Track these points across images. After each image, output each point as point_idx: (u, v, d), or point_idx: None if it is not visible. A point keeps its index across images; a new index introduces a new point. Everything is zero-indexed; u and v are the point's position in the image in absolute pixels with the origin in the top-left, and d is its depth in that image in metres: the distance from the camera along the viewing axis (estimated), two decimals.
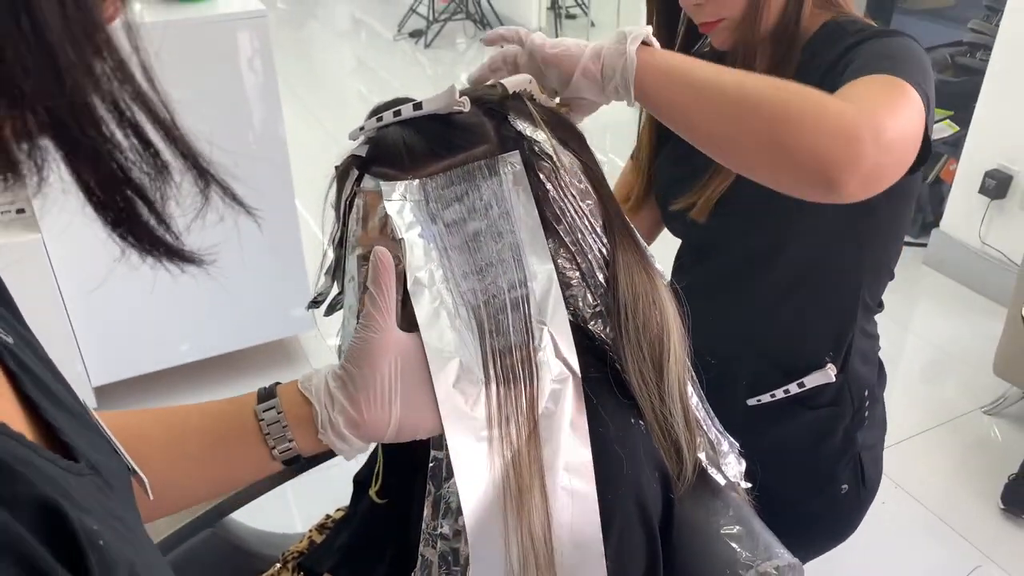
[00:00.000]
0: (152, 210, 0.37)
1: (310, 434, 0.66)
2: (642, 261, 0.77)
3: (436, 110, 0.71)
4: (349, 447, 0.66)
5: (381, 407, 0.65)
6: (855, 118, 0.70)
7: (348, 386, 0.65)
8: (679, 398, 0.78)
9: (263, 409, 0.66)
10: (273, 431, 0.66)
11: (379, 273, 0.64)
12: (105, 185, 0.36)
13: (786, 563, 0.73)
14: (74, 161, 0.35)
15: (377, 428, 0.65)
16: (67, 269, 2.03)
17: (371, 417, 0.65)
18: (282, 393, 0.67)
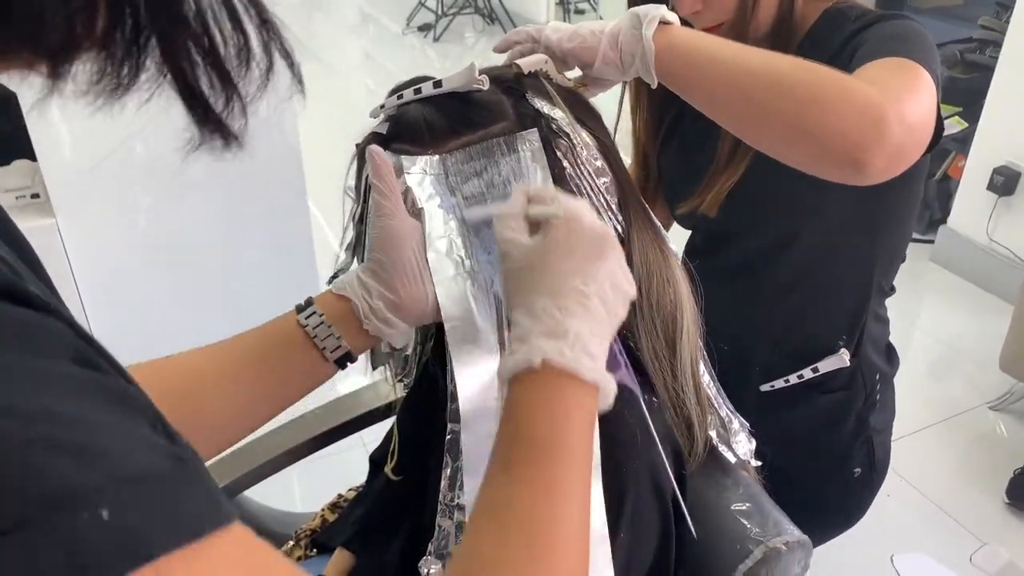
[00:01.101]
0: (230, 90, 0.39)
1: (355, 329, 0.69)
2: (656, 239, 0.78)
3: (456, 88, 0.72)
4: (395, 330, 0.69)
5: (415, 283, 0.68)
6: (881, 100, 0.71)
7: (380, 272, 0.68)
8: (691, 375, 0.79)
9: (305, 316, 0.69)
10: (320, 333, 0.68)
11: (378, 167, 0.67)
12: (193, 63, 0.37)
13: (795, 539, 0.74)
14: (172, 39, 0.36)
15: (416, 304, 0.68)
16: (81, 254, 2.05)
17: (408, 295, 0.68)
18: (319, 300, 0.70)
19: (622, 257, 0.60)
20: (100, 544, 0.26)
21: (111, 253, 2.10)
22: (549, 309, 0.55)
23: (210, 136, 0.40)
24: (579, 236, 0.59)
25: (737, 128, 0.79)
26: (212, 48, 0.37)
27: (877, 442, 1.15)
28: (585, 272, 0.57)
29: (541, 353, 0.53)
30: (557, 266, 0.57)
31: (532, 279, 0.57)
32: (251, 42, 0.38)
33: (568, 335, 0.54)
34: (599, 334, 0.56)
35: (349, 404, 1.20)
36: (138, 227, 2.11)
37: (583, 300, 0.56)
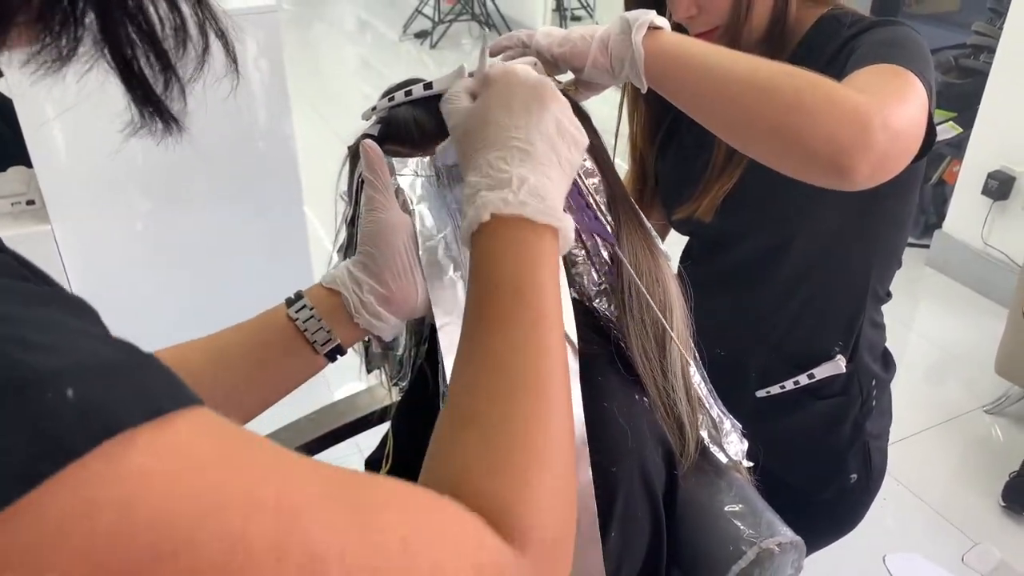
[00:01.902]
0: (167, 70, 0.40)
1: (345, 322, 0.69)
2: (646, 240, 0.79)
3: (445, 89, 0.73)
4: (385, 324, 0.69)
5: (405, 277, 0.68)
6: (867, 106, 0.71)
7: (370, 266, 0.68)
8: (681, 374, 0.79)
9: (295, 310, 0.69)
10: (310, 326, 0.68)
11: (371, 161, 0.67)
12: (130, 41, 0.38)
13: (788, 540, 0.74)
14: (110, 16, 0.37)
15: (407, 299, 0.69)
16: (76, 260, 2.05)
17: (398, 288, 0.68)
18: (309, 293, 0.70)
19: (567, 107, 0.60)
20: (67, 419, 0.28)
21: (106, 259, 2.10)
22: (492, 161, 0.55)
23: (150, 119, 0.41)
24: (515, 87, 0.59)
25: (725, 133, 0.80)
26: (149, 27, 0.38)
27: (874, 448, 1.15)
28: (528, 122, 0.57)
29: (488, 207, 0.53)
30: (497, 119, 0.57)
31: (476, 138, 0.58)
32: (187, 22, 0.39)
33: (512, 182, 0.54)
34: (549, 176, 0.56)
35: (344, 409, 1.20)
36: (134, 233, 2.11)
37: (525, 146, 0.56)
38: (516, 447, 0.46)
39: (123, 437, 0.29)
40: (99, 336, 0.32)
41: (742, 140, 0.79)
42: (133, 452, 0.29)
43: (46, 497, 0.27)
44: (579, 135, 0.60)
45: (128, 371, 0.31)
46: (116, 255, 2.11)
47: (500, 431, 0.47)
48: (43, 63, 0.37)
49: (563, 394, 0.50)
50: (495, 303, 0.52)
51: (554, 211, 0.55)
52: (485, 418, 0.47)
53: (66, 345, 0.30)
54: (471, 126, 0.59)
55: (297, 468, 0.36)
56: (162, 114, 0.41)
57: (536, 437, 0.47)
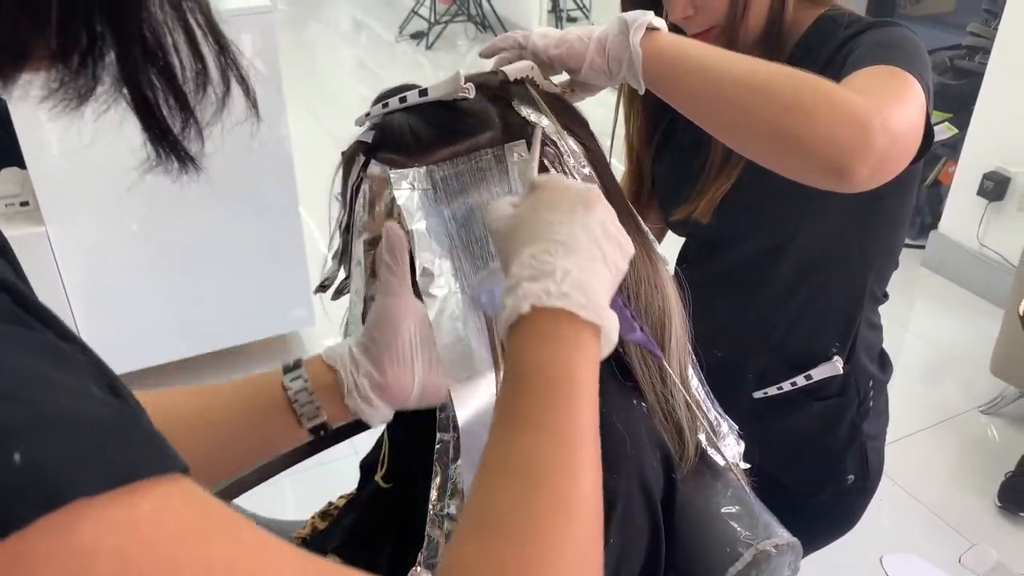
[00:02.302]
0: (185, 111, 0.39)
1: (337, 401, 0.68)
2: (645, 246, 0.78)
3: (441, 96, 0.72)
4: (374, 410, 0.68)
5: (404, 368, 0.67)
6: (866, 108, 0.71)
7: (371, 349, 0.67)
8: (680, 380, 0.79)
9: (290, 379, 0.68)
10: (300, 399, 0.67)
11: (392, 244, 0.67)
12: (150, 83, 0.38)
13: (785, 541, 0.74)
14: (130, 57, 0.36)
15: (401, 389, 0.68)
16: (70, 262, 2.04)
17: (395, 378, 0.67)
18: (308, 364, 0.69)
19: (613, 214, 0.58)
20: (10, 488, 0.26)
21: (101, 261, 2.10)
22: (536, 253, 0.53)
23: (166, 157, 0.41)
24: (563, 192, 0.57)
25: (723, 134, 0.80)
26: (168, 69, 0.37)
27: (871, 449, 1.15)
28: (572, 220, 0.55)
29: (528, 297, 0.51)
30: (543, 217, 0.56)
31: (519, 234, 0.56)
32: (208, 67, 0.39)
33: (555, 273, 0.51)
34: (595, 273, 0.53)
35: None
36: (128, 234, 2.10)
37: (571, 241, 0.54)
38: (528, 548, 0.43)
39: (73, 508, 0.26)
40: (79, 390, 0.30)
41: (740, 142, 0.79)
42: (82, 526, 0.27)
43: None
44: (626, 242, 0.58)
45: (101, 432, 0.29)
46: (110, 256, 2.10)
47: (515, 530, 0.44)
48: (62, 100, 0.37)
49: (591, 497, 0.47)
50: (527, 400, 0.49)
51: (597, 307, 0.52)
52: (503, 517, 0.44)
53: (33, 398, 0.28)
54: (514, 225, 0.57)
55: (270, 556, 0.33)
56: (178, 153, 0.41)
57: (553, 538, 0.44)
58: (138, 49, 0.36)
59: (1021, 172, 2.66)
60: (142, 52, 0.36)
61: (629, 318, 0.61)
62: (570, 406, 0.49)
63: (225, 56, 0.40)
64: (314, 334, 2.63)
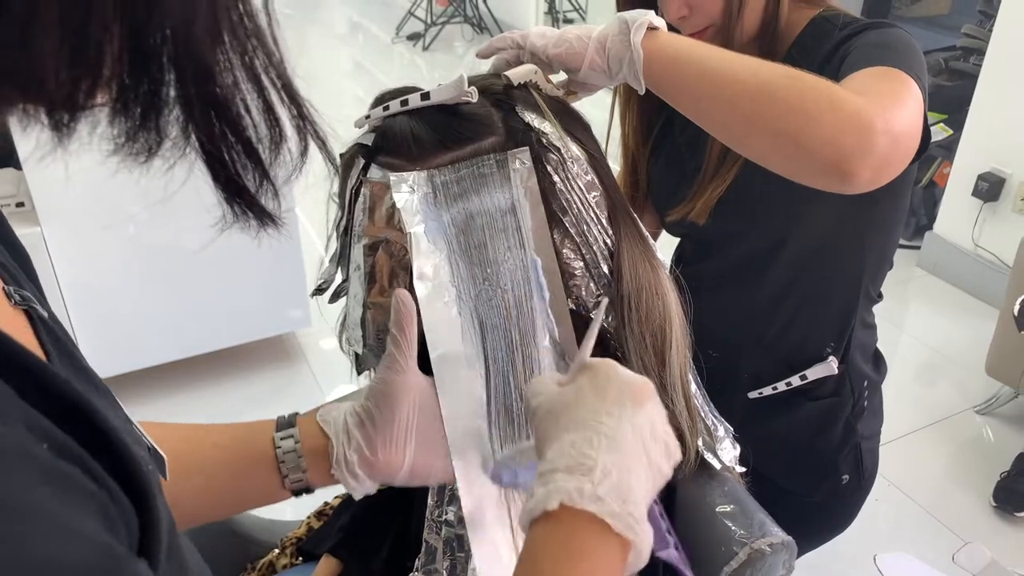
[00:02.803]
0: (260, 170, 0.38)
1: (323, 467, 0.66)
2: (646, 252, 0.78)
3: (444, 101, 0.70)
4: (359, 485, 0.66)
5: (396, 449, 0.65)
6: (868, 110, 0.71)
7: (366, 425, 0.66)
8: (681, 386, 0.79)
9: (281, 437, 0.67)
10: (288, 460, 0.66)
11: (401, 316, 0.65)
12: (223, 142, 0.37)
13: (780, 540, 0.74)
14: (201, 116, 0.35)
15: (390, 469, 0.66)
16: (66, 263, 2.04)
17: (385, 458, 0.65)
18: (301, 423, 0.68)
19: (663, 413, 0.55)
20: None
21: (97, 262, 2.09)
22: (577, 442, 0.49)
23: (243, 215, 0.40)
24: (614, 379, 0.54)
25: (724, 135, 0.79)
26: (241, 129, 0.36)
27: (865, 449, 1.15)
28: (620, 412, 0.51)
29: (560, 494, 0.46)
30: (589, 403, 0.52)
31: (561, 417, 0.52)
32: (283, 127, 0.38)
33: (594, 471, 0.47)
34: (638, 476, 0.49)
35: None
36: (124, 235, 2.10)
37: (617, 436, 0.49)
38: None
39: None
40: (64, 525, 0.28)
41: (741, 142, 0.78)
42: None
43: None
44: (674, 446, 0.54)
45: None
46: (106, 257, 2.10)
47: None
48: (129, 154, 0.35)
49: None
50: None
51: (632, 519, 0.47)
52: None
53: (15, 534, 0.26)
54: (557, 406, 0.54)
55: None
56: (255, 211, 0.40)
57: None
58: (207, 107, 0.35)
59: (1016, 173, 2.67)
60: (213, 110, 0.35)
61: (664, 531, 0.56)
62: None
63: (302, 117, 0.39)
64: (310, 335, 2.63)
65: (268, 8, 0.35)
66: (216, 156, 0.37)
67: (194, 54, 0.33)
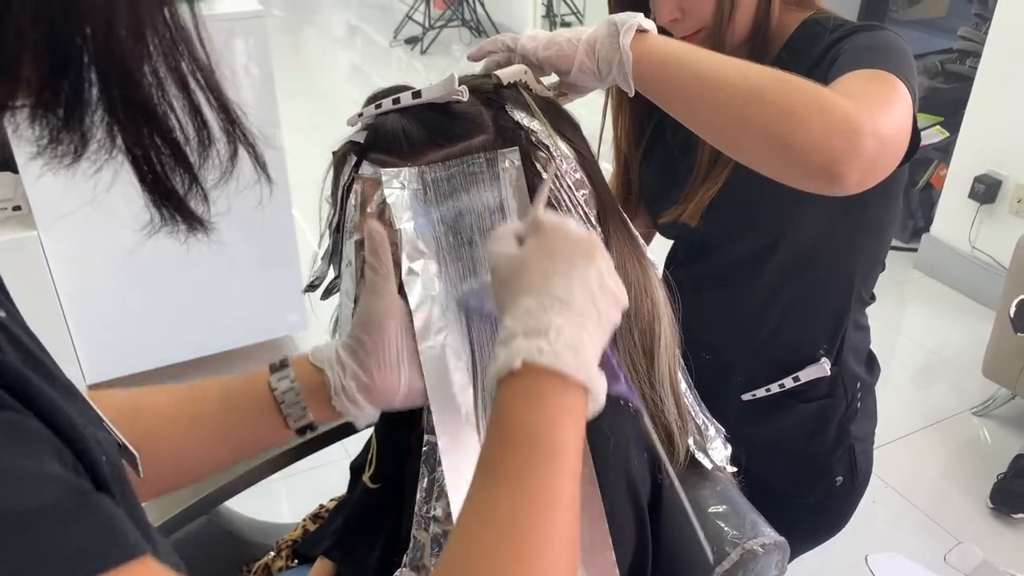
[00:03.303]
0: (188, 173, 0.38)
1: (323, 402, 0.68)
2: (635, 250, 0.78)
3: (435, 99, 0.71)
4: (361, 412, 0.68)
5: (391, 369, 0.67)
6: (856, 113, 0.71)
7: (359, 351, 0.67)
8: (670, 384, 0.79)
9: (277, 379, 0.68)
10: (287, 399, 0.68)
11: (376, 244, 0.67)
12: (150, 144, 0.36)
13: (772, 540, 0.75)
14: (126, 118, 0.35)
15: (388, 391, 0.68)
16: (63, 266, 2.04)
17: (382, 380, 0.67)
18: (295, 364, 0.69)
19: (610, 263, 0.59)
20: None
21: (93, 265, 2.09)
22: (532, 308, 0.54)
23: (171, 219, 0.39)
24: (563, 239, 0.58)
25: (713, 137, 0.80)
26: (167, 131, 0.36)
27: (859, 450, 1.15)
28: (571, 272, 0.56)
29: (520, 353, 0.52)
30: (541, 267, 0.56)
31: (518, 283, 0.57)
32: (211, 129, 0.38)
33: (549, 331, 0.52)
34: (588, 331, 0.54)
35: None
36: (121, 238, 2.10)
37: (567, 297, 0.54)
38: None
39: None
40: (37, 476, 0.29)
41: (730, 145, 0.79)
42: None
43: None
44: (621, 293, 0.59)
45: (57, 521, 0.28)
46: (102, 261, 2.10)
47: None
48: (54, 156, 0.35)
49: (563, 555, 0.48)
50: (509, 455, 0.50)
51: (588, 368, 0.53)
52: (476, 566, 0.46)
53: None
54: (513, 271, 0.58)
55: None
56: (184, 215, 0.40)
57: None
58: (132, 108, 0.35)
59: (1012, 175, 2.68)
60: (138, 112, 0.35)
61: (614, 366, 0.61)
62: (552, 467, 0.50)
63: (230, 120, 0.39)
64: (307, 338, 2.63)
65: (194, 10, 0.36)
66: (143, 158, 0.37)
67: (116, 55, 0.33)
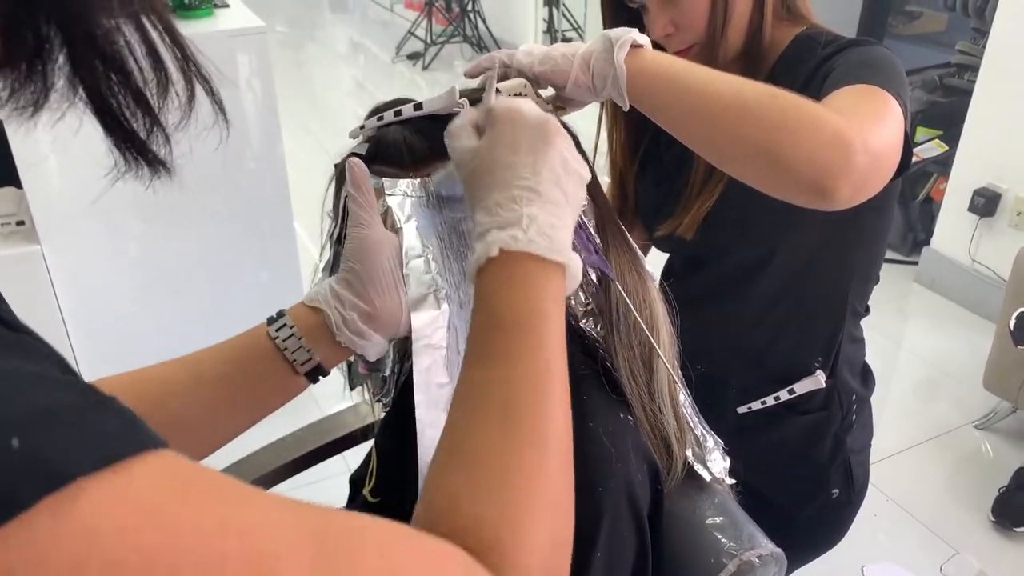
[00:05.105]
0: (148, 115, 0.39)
1: (328, 341, 0.67)
2: (633, 262, 0.79)
3: (436, 111, 0.72)
4: (369, 342, 0.68)
5: (390, 294, 0.67)
6: (847, 129, 0.72)
7: (354, 283, 0.67)
8: (668, 395, 0.79)
9: (276, 328, 0.68)
10: (290, 345, 0.67)
11: (356, 177, 0.67)
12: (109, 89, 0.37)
13: (769, 552, 0.75)
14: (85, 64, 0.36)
15: (391, 316, 0.68)
16: (65, 281, 2.05)
17: (383, 305, 0.67)
18: (290, 312, 0.69)
19: (570, 142, 0.61)
20: (12, 470, 0.27)
21: (96, 279, 2.10)
22: (502, 202, 0.56)
23: (135, 162, 0.40)
24: (522, 126, 0.59)
25: (706, 152, 0.80)
26: (126, 73, 0.37)
27: (855, 463, 1.15)
28: (535, 161, 0.57)
29: (497, 243, 0.54)
30: (505, 159, 0.58)
31: (484, 178, 0.58)
32: (168, 70, 0.39)
33: (521, 220, 0.54)
34: (557, 215, 0.56)
35: (329, 426, 1.20)
36: (124, 252, 2.11)
37: (534, 186, 0.56)
38: (509, 476, 0.46)
39: (71, 488, 0.28)
40: (53, 380, 0.31)
41: (723, 160, 0.80)
42: (83, 505, 0.28)
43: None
44: (583, 171, 0.61)
45: (81, 416, 0.30)
46: (106, 275, 2.11)
47: (493, 459, 0.46)
48: (15, 109, 0.36)
49: (562, 427, 0.50)
50: (497, 337, 0.52)
51: (563, 249, 0.55)
52: (480, 448, 0.47)
53: (13, 392, 0.29)
54: (477, 166, 0.59)
55: (268, 511, 0.34)
56: (147, 158, 0.40)
57: (531, 467, 0.47)
58: (92, 54, 0.36)
59: (1011, 188, 2.69)
60: (97, 57, 0.36)
61: (585, 240, 0.64)
62: (540, 342, 0.52)
63: (186, 59, 0.40)
64: None
65: None
66: (104, 102, 0.37)
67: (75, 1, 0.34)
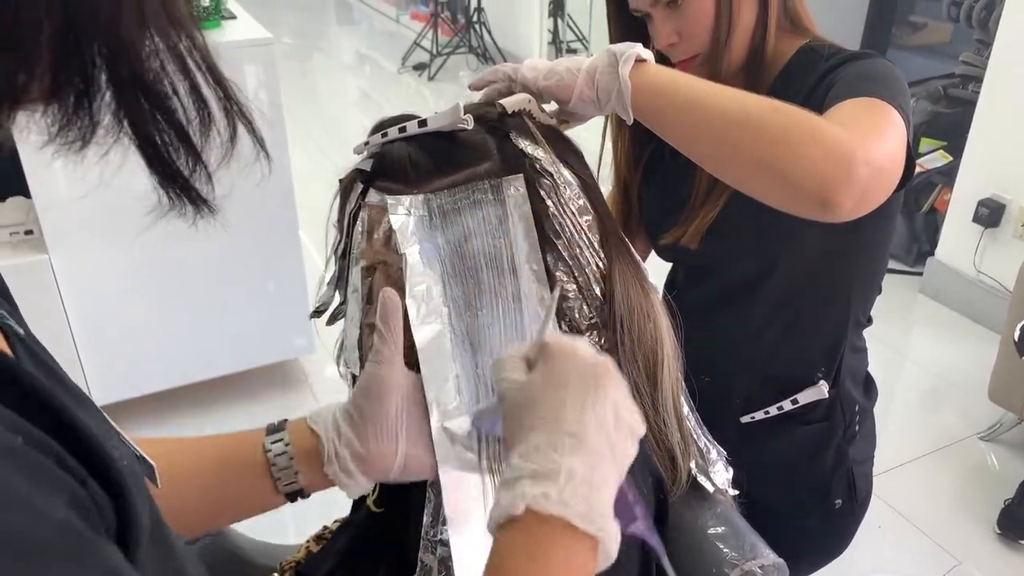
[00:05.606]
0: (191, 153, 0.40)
1: (316, 468, 0.66)
2: (637, 275, 0.79)
3: (441, 127, 0.72)
4: (354, 482, 0.66)
5: (387, 442, 0.65)
6: (850, 142, 0.73)
7: (356, 420, 0.66)
8: (673, 408, 0.79)
9: (271, 441, 0.67)
10: (279, 462, 0.66)
11: (387, 311, 0.66)
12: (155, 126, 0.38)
13: (771, 562, 0.75)
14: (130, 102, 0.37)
15: (383, 462, 0.66)
16: (73, 290, 2.07)
17: (377, 451, 0.65)
18: (291, 427, 0.68)
19: (625, 390, 0.56)
20: None
21: (103, 289, 2.12)
22: (541, 446, 0.50)
23: (178, 201, 0.41)
24: (574, 365, 0.54)
25: (710, 165, 0.81)
26: (170, 112, 0.38)
27: (858, 473, 1.15)
28: (583, 403, 0.52)
29: (524, 499, 0.47)
30: (551, 398, 0.52)
31: (527, 417, 0.53)
32: (211, 108, 0.39)
33: (559, 475, 0.48)
34: (601, 472, 0.50)
35: None
36: (131, 262, 2.13)
37: (578, 432, 0.50)
38: None
39: None
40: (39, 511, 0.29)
41: (726, 172, 0.80)
42: None
43: None
44: (636, 425, 0.55)
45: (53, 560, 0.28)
46: (112, 284, 2.13)
47: None
48: (64, 143, 0.37)
49: None
50: None
51: (598, 517, 0.48)
52: None
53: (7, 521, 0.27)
54: (521, 402, 0.54)
55: None
56: (190, 196, 0.41)
57: None
58: (137, 91, 0.36)
59: (1016, 199, 2.69)
60: (142, 95, 0.37)
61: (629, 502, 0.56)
62: None
63: (228, 97, 0.40)
64: (314, 361, 2.64)
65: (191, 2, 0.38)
66: (148, 140, 0.38)
67: (123, 41, 0.35)
